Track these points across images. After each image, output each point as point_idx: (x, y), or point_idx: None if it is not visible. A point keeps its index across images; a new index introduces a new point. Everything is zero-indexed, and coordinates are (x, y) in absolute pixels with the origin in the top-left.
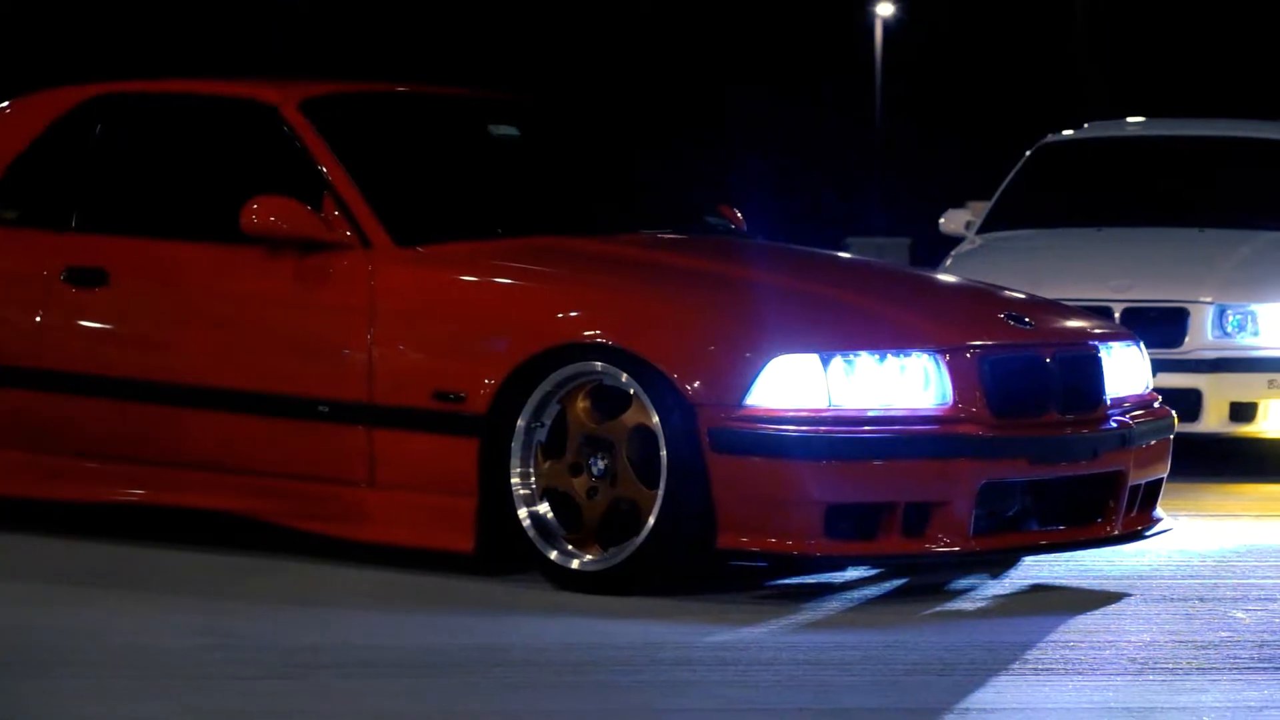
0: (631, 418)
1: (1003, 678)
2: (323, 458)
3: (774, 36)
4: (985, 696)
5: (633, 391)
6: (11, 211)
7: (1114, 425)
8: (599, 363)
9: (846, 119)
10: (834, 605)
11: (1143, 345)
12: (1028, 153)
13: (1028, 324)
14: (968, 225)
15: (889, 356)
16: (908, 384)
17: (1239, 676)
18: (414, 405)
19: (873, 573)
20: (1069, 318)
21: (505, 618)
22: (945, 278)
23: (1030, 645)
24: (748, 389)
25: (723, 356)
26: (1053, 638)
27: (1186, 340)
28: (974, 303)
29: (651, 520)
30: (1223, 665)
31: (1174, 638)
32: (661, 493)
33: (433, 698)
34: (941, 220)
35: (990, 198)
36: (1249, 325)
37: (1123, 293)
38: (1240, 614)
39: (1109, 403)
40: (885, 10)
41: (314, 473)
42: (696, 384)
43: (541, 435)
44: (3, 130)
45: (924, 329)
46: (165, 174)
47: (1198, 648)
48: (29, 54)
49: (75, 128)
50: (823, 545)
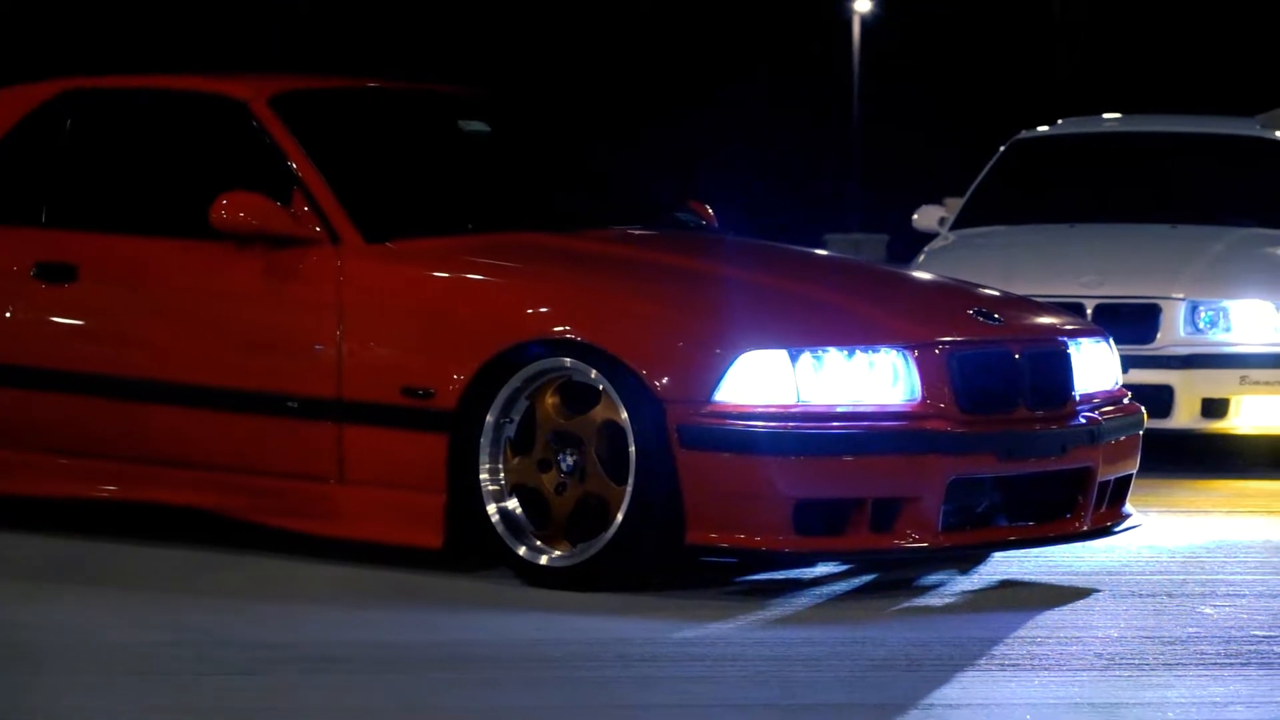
0: (600, 414)
1: (969, 673)
2: (291, 453)
3: (751, 32)
4: (951, 692)
5: (601, 387)
6: None
7: (1083, 421)
8: (568, 359)
9: (823, 115)
10: (802, 601)
11: (1112, 341)
12: (1001, 149)
13: (997, 320)
14: (941, 221)
15: (858, 352)
16: (876, 380)
17: (1205, 672)
18: (383, 401)
19: (842, 569)
20: (1038, 314)
21: (473, 614)
22: (915, 274)
23: (997, 641)
24: (716, 385)
25: (691, 352)
26: (1020, 633)
27: (1158, 336)
28: (943, 299)
29: (620, 516)
30: (1189, 661)
31: (1141, 633)
32: (630, 489)
33: (398, 694)
34: (915, 216)
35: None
36: (1221, 321)
37: (1095, 289)
38: (1208, 610)
39: (1078, 399)
40: (863, 6)
41: (282, 468)
42: (665, 380)
43: (510, 431)
44: None
45: (893, 325)
46: (135, 169)
47: (1165, 643)
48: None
49: (45, 123)
50: (791, 541)
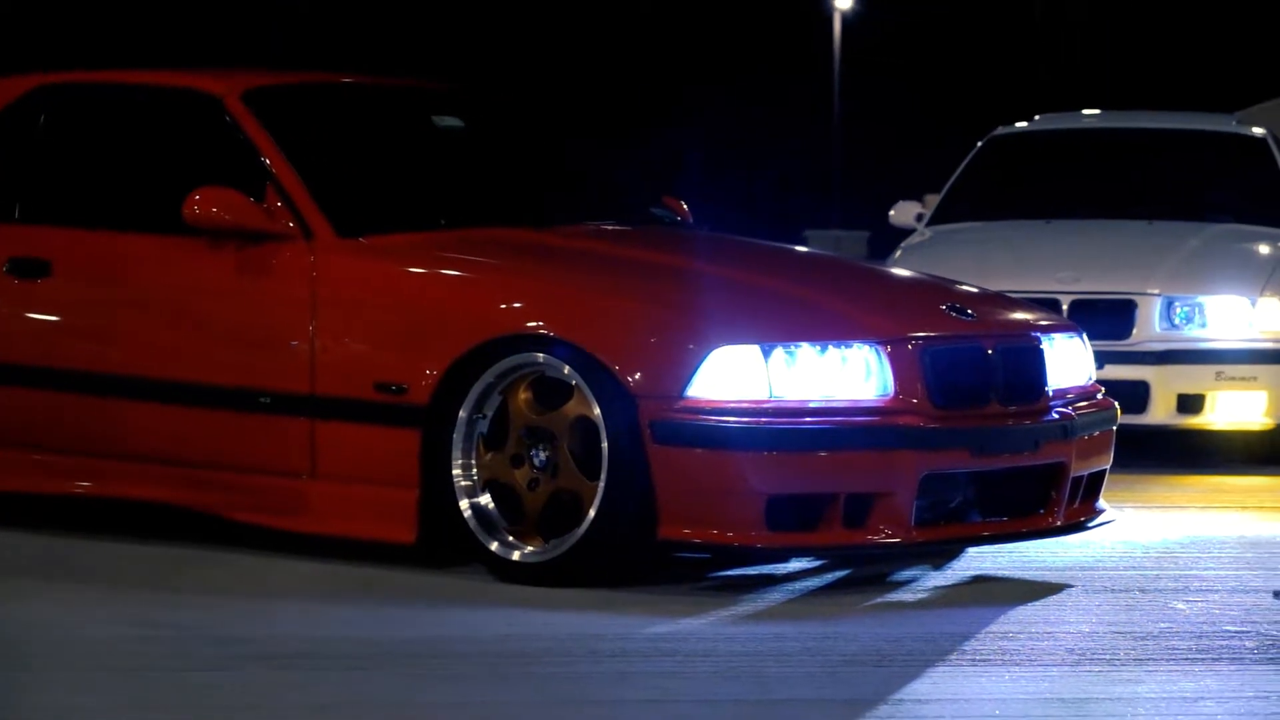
0: (573, 409)
1: (939, 669)
2: (265, 449)
3: (733, 29)
4: (921, 687)
5: (574, 383)
6: None
7: (1056, 417)
8: (541, 354)
9: (805, 111)
10: (775, 596)
11: (1085, 337)
12: (978, 144)
13: (970, 315)
14: (918, 218)
15: (830, 348)
16: (849, 375)
17: (1176, 667)
18: (356, 396)
19: (815, 564)
20: (1012, 309)
21: (445, 609)
22: (888, 269)
23: (969, 636)
24: (689, 380)
25: (664, 348)
26: (992, 629)
27: (1134, 332)
28: (916, 294)
29: (592, 512)
30: (1160, 656)
31: (1113, 629)
32: (603, 484)
33: (370, 689)
34: (891, 212)
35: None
36: (1196, 317)
37: (1071, 285)
38: (1180, 605)
39: (1051, 394)
40: (844, 3)
41: (255, 464)
42: (638, 375)
43: (483, 427)
44: None
45: (865, 320)
46: (109, 165)
47: (1136, 639)
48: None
49: (19, 118)
50: (764, 536)
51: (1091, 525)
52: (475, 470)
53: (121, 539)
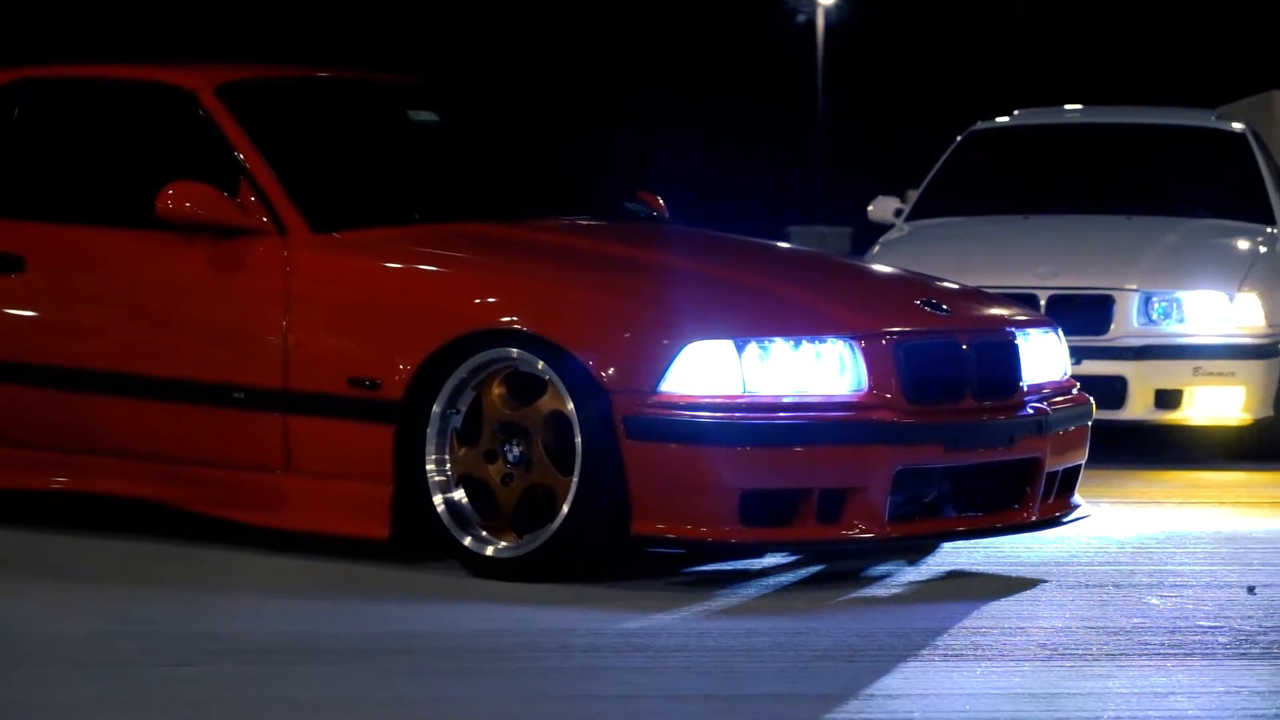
0: (547, 404)
1: (911, 664)
2: (238, 444)
3: (716, 23)
4: (892, 683)
5: (548, 378)
6: None
7: (1030, 412)
8: (515, 349)
9: (789, 106)
10: (749, 592)
11: (1061, 332)
12: (957, 139)
13: (944, 310)
14: (896, 213)
15: (804, 343)
16: (823, 370)
17: (1148, 663)
18: (329, 391)
19: (790, 559)
20: (987, 304)
21: (418, 605)
22: (863, 264)
23: (942, 631)
24: (662, 375)
25: (637, 343)
26: (964, 624)
27: (1112, 327)
28: (890, 289)
29: (566, 507)
30: (1133, 651)
31: (1086, 624)
32: (576, 479)
33: (339, 684)
34: (870, 208)
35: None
36: (1174, 312)
37: (1049, 280)
38: (1154, 600)
39: (1026, 389)
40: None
41: (229, 459)
42: (611, 370)
43: (457, 422)
44: None
45: (839, 315)
46: (83, 159)
47: (1109, 634)
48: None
49: None
50: (737, 531)
51: (1067, 520)
52: (449, 465)
53: (95, 534)
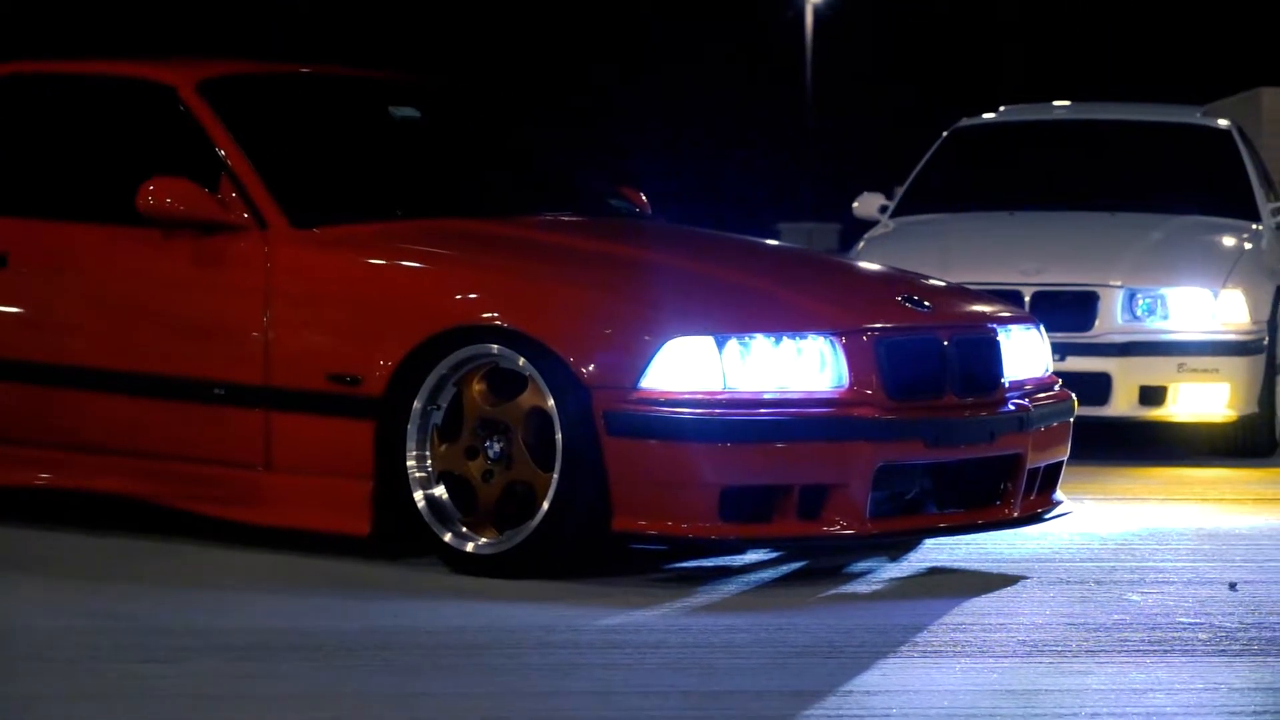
0: (527, 400)
1: (890, 660)
2: (219, 440)
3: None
4: (870, 679)
5: (529, 374)
6: None
7: (1012, 408)
8: (495, 345)
9: (778, 103)
10: (729, 588)
11: (1043, 328)
12: (942, 135)
13: (925, 307)
14: (881, 209)
15: (784, 339)
16: (803, 366)
17: (1127, 659)
18: (310, 388)
19: (772, 555)
20: (968, 301)
21: (398, 601)
22: (845, 261)
23: (921, 628)
24: (643, 371)
25: (618, 339)
26: (945, 620)
27: (1096, 324)
28: (871, 285)
29: (546, 504)
30: (1113, 648)
31: (1066, 620)
32: (556, 476)
33: (319, 680)
34: (855, 204)
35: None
36: (1158, 309)
37: (1033, 276)
38: (1135, 597)
39: (1007, 385)
40: None
41: (210, 455)
42: (592, 366)
43: (437, 418)
44: None
45: (820, 311)
46: (65, 155)
47: (1089, 630)
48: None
49: None
50: (718, 528)
51: (1049, 517)
52: (429, 462)
53: (75, 530)
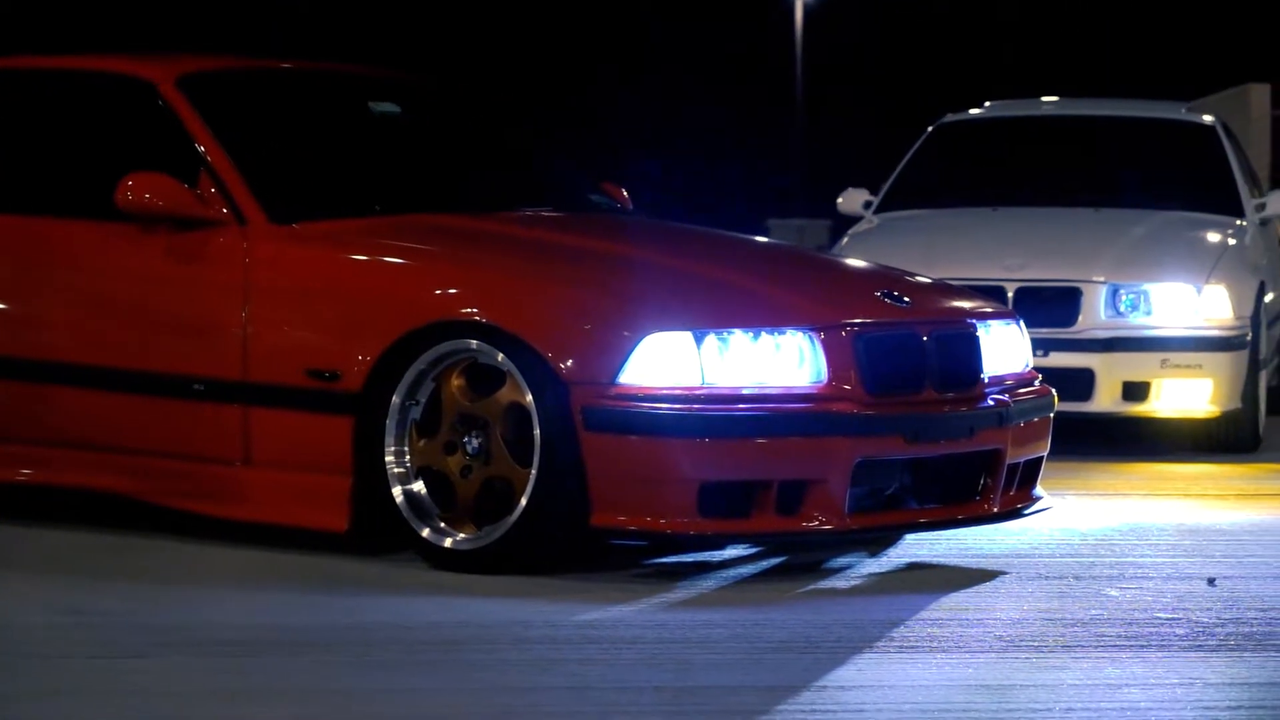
0: (506, 396)
1: (866, 655)
2: (198, 436)
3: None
4: (845, 674)
5: (507, 370)
6: None
7: (991, 403)
8: (474, 340)
9: (768, 99)
10: (708, 584)
11: (1023, 324)
12: (927, 130)
13: (904, 302)
14: (866, 205)
15: (763, 334)
16: (782, 362)
17: (1103, 654)
18: (289, 383)
19: (752, 551)
20: (948, 296)
21: (376, 596)
22: (825, 256)
23: (898, 623)
24: (621, 367)
25: (596, 334)
26: (922, 615)
27: (1080, 320)
28: (850, 281)
29: (524, 499)
30: (1089, 643)
31: (1044, 615)
32: (535, 471)
33: (295, 676)
34: (840, 200)
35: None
36: (1142, 305)
37: (1016, 272)
38: (1113, 592)
39: (987, 381)
40: None
41: (189, 451)
42: (570, 362)
43: (416, 413)
44: None
45: (799, 307)
46: (45, 150)
47: (1066, 625)
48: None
49: None
50: (696, 523)
51: (1028, 512)
52: (408, 457)
53: (53, 525)
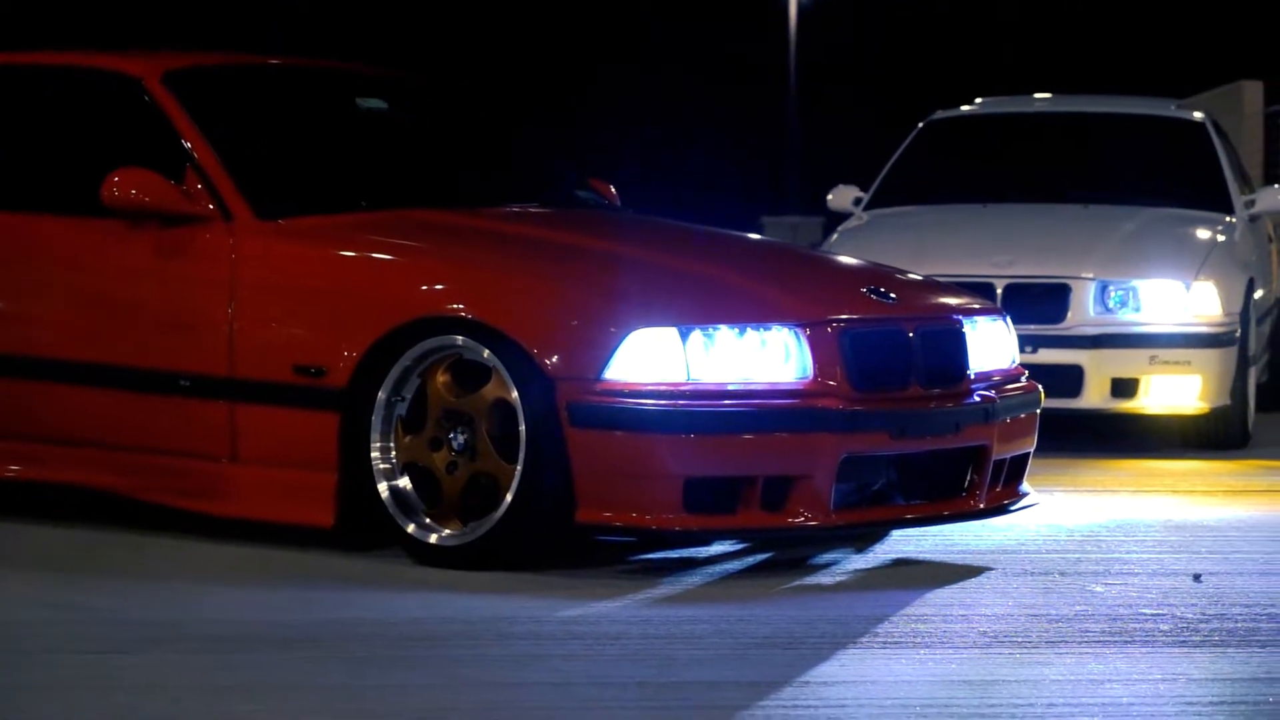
0: (491, 392)
1: (849, 651)
2: (184, 432)
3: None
4: (828, 669)
5: (493, 366)
6: None
7: (977, 399)
8: (459, 336)
9: (761, 97)
10: (693, 580)
11: (1009, 320)
12: (917, 127)
13: (890, 298)
14: (856, 201)
15: (748, 330)
16: (767, 358)
17: (1087, 650)
18: (275, 379)
19: (737, 547)
20: (934, 293)
21: (361, 593)
22: (812, 253)
23: (883, 619)
24: (606, 363)
25: (581, 330)
26: (906, 611)
27: (1069, 316)
28: (836, 277)
29: (510, 495)
30: (1073, 639)
31: (1028, 611)
32: (520, 467)
33: (279, 672)
34: (830, 197)
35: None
36: (1130, 301)
37: (1005, 269)
38: (1099, 588)
39: (973, 377)
40: None
41: (175, 447)
42: (555, 358)
43: (402, 409)
44: None
45: (784, 303)
46: (30, 146)
47: (1050, 621)
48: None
49: None
50: (682, 519)
51: (1014, 508)
52: (394, 453)
53: (40, 521)
